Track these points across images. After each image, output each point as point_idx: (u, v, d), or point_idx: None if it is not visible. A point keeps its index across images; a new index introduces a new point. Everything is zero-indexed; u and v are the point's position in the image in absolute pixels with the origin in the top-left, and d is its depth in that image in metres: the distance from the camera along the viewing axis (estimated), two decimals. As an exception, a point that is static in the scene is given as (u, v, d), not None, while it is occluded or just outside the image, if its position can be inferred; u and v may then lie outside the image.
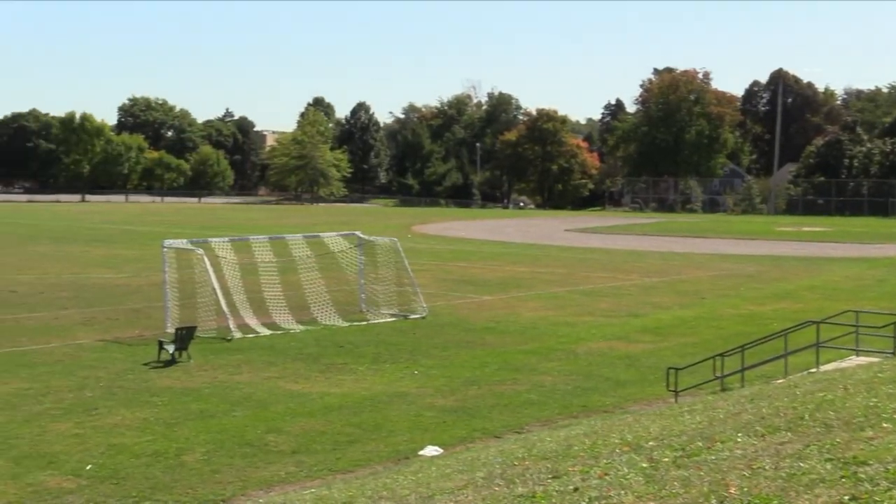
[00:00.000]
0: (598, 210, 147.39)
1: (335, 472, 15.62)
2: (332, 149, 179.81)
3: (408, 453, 16.72)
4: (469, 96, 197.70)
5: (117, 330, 29.47)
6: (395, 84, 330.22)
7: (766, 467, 7.79)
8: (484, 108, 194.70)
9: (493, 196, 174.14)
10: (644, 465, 8.77)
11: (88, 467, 15.64)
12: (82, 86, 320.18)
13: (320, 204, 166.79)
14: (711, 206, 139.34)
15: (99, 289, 39.46)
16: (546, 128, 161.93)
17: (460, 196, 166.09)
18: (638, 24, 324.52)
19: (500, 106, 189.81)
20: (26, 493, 14.40)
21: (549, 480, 8.85)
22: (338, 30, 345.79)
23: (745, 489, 7.17)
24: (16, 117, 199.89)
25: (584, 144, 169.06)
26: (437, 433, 18.09)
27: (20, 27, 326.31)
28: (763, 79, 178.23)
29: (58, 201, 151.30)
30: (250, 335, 28.48)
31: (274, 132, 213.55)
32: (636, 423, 13.45)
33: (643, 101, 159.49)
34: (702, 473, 7.93)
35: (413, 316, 32.62)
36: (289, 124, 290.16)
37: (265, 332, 29.10)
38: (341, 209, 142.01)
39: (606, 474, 8.58)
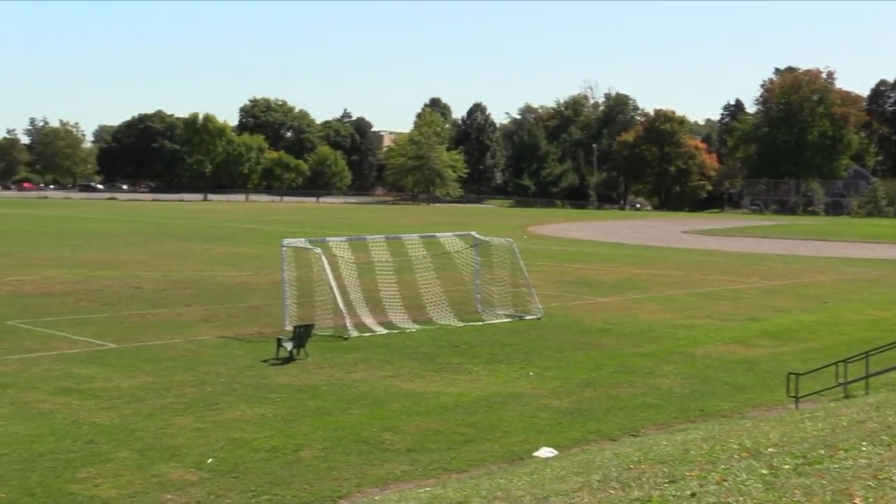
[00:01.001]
0: (717, 212, 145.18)
1: (450, 472, 15.67)
2: (448, 149, 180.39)
3: (522, 454, 16.69)
4: (586, 97, 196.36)
5: (237, 327, 30.02)
6: (512, 85, 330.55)
7: (894, 478, 7.58)
8: (601, 108, 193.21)
9: (610, 197, 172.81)
10: (763, 471, 8.62)
11: (209, 461, 15.96)
12: (205, 87, 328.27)
13: (436, 204, 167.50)
14: (834, 209, 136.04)
15: (220, 286, 40.29)
16: (664, 129, 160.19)
17: (576, 197, 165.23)
18: (759, 23, 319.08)
19: (618, 106, 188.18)
20: (151, 484, 14.78)
21: (665, 485, 8.76)
22: (455, 30, 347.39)
23: (871, 500, 6.99)
24: (142, 118, 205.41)
25: (702, 145, 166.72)
26: (551, 434, 18.03)
27: (146, 32, 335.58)
28: (890, 78, 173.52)
29: (181, 200, 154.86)
30: (367, 334, 28.74)
31: (391, 133, 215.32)
32: (755, 429, 13.22)
33: (764, 101, 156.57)
34: (824, 482, 7.75)
35: (528, 317, 32.55)
36: (406, 125, 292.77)
37: (381, 330, 29.33)
38: (457, 209, 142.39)
39: (724, 480, 8.45)
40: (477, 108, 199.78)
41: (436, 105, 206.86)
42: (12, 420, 18.32)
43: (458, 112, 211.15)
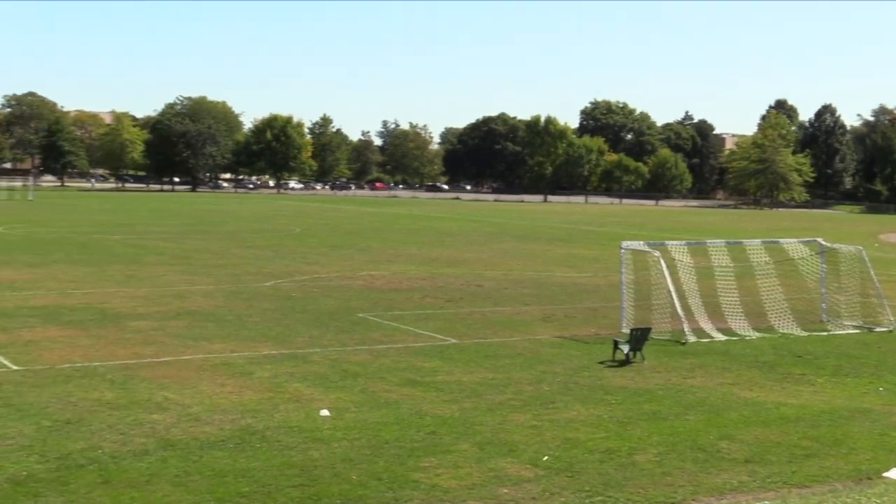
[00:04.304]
0: None
1: (790, 486, 15.08)
2: (794, 153, 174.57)
3: (870, 473, 15.81)
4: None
5: (574, 327, 30.26)
6: (865, 85, 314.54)
7: None
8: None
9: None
10: None
11: (545, 458, 16.16)
12: (547, 90, 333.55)
13: (780, 209, 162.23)
14: None
15: (558, 287, 40.77)
16: None
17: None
18: None
19: None
20: (488, 477, 15.15)
21: None
22: (804, 30, 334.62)
23: None
24: (486, 121, 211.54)
25: None
26: (904, 455, 16.98)
27: (479, 35, 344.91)
28: None
29: (522, 201, 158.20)
30: (705, 339, 28.20)
31: (734, 135, 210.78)
32: None
33: None
34: None
35: (878, 329, 30.86)
36: (749, 127, 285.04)
37: (720, 337, 28.69)
38: (802, 215, 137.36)
39: None
40: (826, 110, 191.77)
41: (781, 107, 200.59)
42: (362, 407, 19.34)
43: (806, 114, 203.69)
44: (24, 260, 45.86)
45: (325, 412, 18.78)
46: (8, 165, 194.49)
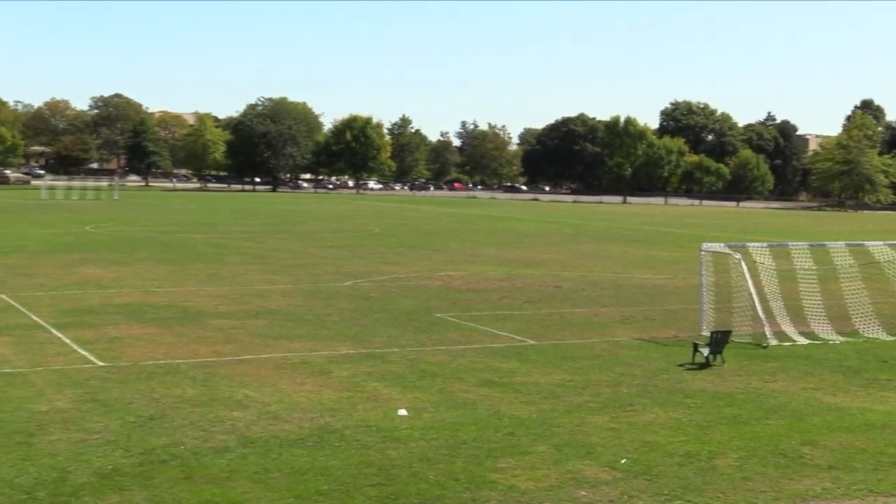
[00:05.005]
0: None
1: (876, 494, 14.80)
2: (880, 153, 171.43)
3: (958, 482, 15.46)
4: None
5: (653, 329, 30.00)
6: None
7: None
8: None
9: None
10: None
11: (623, 461, 16.06)
12: (627, 91, 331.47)
13: (865, 211, 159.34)
14: None
15: (637, 288, 40.46)
16: None
17: None
18: None
19: None
20: (566, 479, 15.10)
21: None
22: (885, 28, 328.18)
23: None
24: (565, 121, 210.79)
25: None
26: None
27: (568, 36, 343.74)
28: None
29: (601, 202, 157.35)
30: (786, 343, 27.77)
31: (817, 136, 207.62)
32: None
33: None
34: None
35: (967, 334, 30.12)
36: (833, 128, 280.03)
37: (802, 340, 28.24)
38: (888, 217, 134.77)
39: None
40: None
41: (868, 107, 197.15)
42: (439, 407, 19.39)
43: (893, 114, 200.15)
44: (109, 258, 46.79)
45: (402, 412, 18.86)
46: (95, 166, 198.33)
